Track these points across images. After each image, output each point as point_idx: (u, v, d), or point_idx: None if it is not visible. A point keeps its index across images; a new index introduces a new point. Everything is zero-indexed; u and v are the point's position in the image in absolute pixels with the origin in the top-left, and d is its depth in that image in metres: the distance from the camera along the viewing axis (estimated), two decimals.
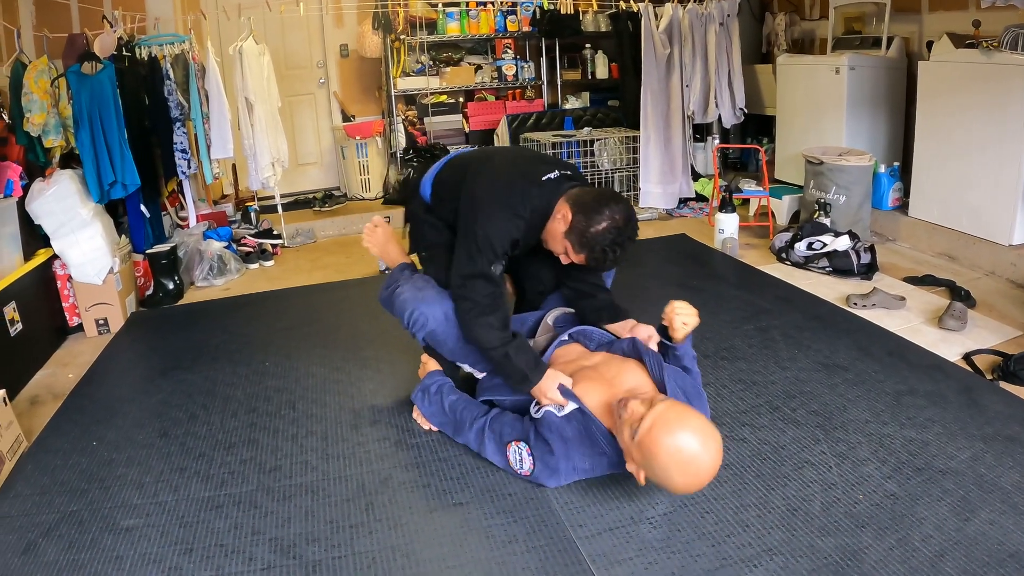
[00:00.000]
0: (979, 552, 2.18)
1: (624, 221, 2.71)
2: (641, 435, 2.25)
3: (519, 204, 2.76)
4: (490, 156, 3.12)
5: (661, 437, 2.22)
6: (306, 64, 7.83)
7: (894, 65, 5.76)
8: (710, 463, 2.23)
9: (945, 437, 2.79)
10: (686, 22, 6.29)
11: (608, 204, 2.69)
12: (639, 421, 2.28)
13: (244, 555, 2.40)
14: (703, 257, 5.28)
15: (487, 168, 2.94)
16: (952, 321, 3.78)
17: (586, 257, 2.76)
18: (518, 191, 2.78)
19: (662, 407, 2.28)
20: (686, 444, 2.20)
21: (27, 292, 4.13)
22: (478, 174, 2.91)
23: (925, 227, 5.14)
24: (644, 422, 2.26)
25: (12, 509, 2.74)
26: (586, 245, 2.72)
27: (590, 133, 6.73)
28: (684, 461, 2.21)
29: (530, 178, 2.81)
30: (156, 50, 5.33)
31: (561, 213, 2.74)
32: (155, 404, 3.53)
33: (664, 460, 2.22)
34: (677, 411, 2.28)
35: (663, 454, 2.22)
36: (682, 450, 2.20)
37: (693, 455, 2.21)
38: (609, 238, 2.68)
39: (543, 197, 2.78)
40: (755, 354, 3.60)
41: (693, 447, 2.20)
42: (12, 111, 4.49)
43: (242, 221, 6.39)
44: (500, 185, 2.82)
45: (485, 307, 2.77)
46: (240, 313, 4.73)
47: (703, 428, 2.25)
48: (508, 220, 2.76)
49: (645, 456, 2.27)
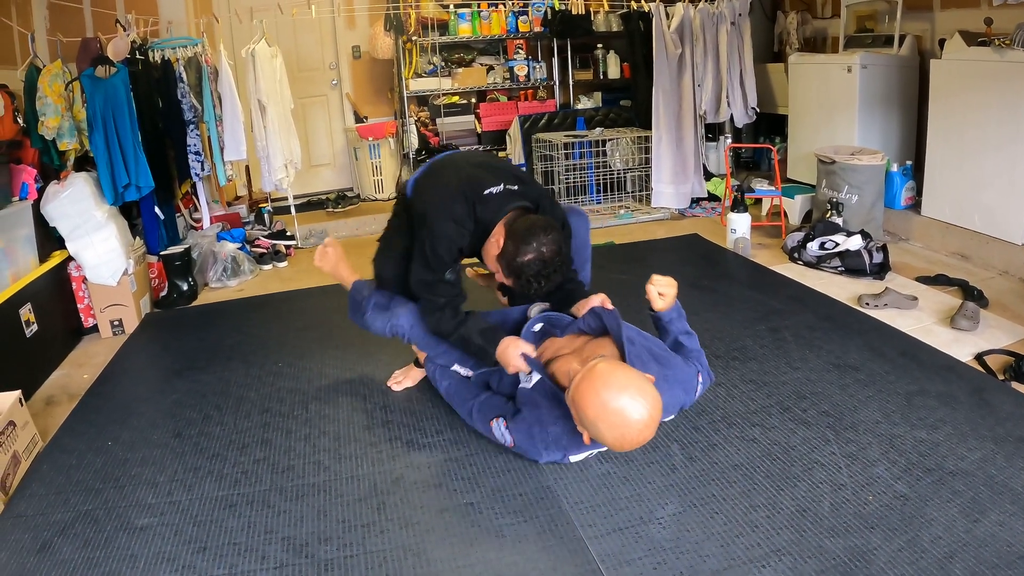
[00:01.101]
0: (988, 554, 2.18)
1: (551, 255, 2.82)
2: (571, 390, 2.31)
3: (464, 217, 2.93)
4: (446, 165, 3.22)
5: (587, 392, 2.27)
6: (318, 66, 7.86)
7: (906, 63, 5.74)
8: (637, 419, 2.25)
9: (956, 438, 2.79)
10: (697, 21, 6.29)
11: (537, 236, 2.81)
12: (571, 381, 2.34)
13: (257, 554, 2.42)
14: (715, 257, 5.28)
15: (441, 178, 3.11)
16: (964, 321, 3.77)
17: (513, 282, 2.93)
18: (460, 204, 2.93)
19: (592, 363, 2.33)
20: (612, 399, 2.24)
21: (42, 294, 4.16)
22: (433, 185, 3.10)
23: (938, 226, 5.12)
24: (575, 378, 2.32)
25: (28, 508, 2.77)
26: (513, 272, 2.87)
27: (602, 133, 6.73)
28: (610, 415, 2.25)
29: (475, 191, 2.95)
30: (169, 53, 5.37)
31: (496, 237, 2.93)
32: (169, 404, 3.55)
33: (591, 414, 2.28)
34: (606, 367, 2.32)
35: (590, 408, 2.27)
36: (607, 404, 2.24)
37: (618, 409, 2.24)
38: (534, 269, 2.82)
39: (485, 212, 2.94)
40: (766, 354, 3.60)
41: (619, 402, 2.24)
42: (27, 115, 4.52)
43: (255, 222, 6.42)
44: (447, 196, 2.97)
45: (440, 304, 2.97)
46: (254, 314, 4.75)
47: (631, 384, 2.28)
48: (453, 231, 2.93)
49: (577, 411, 2.32)
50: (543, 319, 3.03)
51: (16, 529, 2.65)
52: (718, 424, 3.00)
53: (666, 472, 2.68)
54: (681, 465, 2.73)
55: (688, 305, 4.19)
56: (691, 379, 2.80)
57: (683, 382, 2.77)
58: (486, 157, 3.71)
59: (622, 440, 2.30)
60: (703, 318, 4.05)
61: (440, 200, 2.98)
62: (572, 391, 2.33)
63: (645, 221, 6.42)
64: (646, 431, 2.28)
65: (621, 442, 2.31)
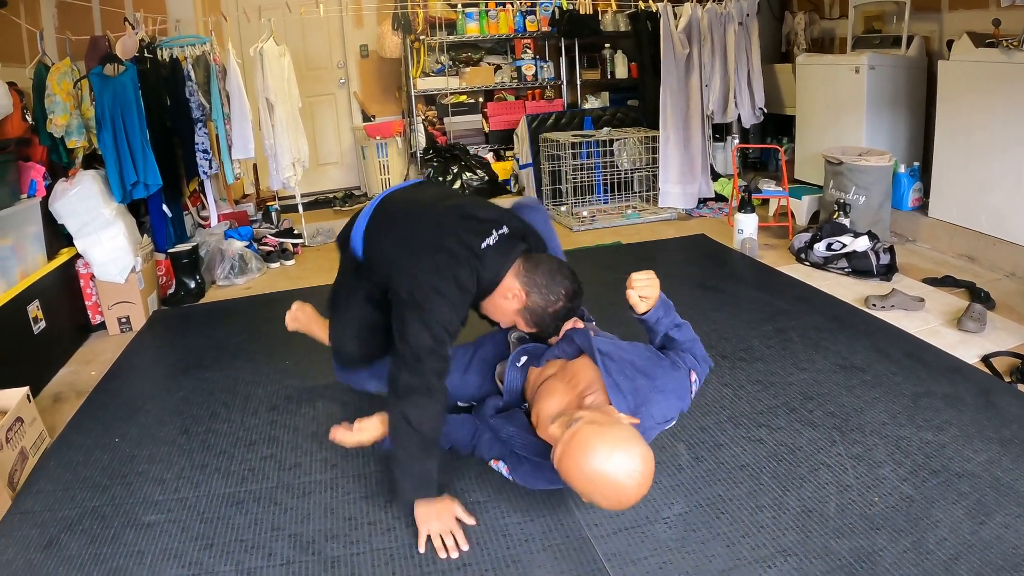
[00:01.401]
0: (994, 556, 2.18)
1: (573, 293, 2.69)
2: (556, 462, 2.16)
3: (467, 280, 2.59)
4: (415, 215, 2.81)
5: (572, 467, 2.11)
6: (326, 65, 7.88)
7: (914, 64, 5.74)
8: (631, 483, 2.08)
9: (962, 440, 2.79)
10: (705, 21, 6.29)
11: (558, 280, 2.66)
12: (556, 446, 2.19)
13: (264, 551, 2.43)
14: (722, 257, 5.28)
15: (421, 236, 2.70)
16: (971, 323, 3.77)
17: (537, 328, 2.75)
18: (464, 269, 2.58)
19: (569, 433, 2.15)
20: (599, 469, 2.07)
21: (50, 291, 4.18)
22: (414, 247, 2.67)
23: (945, 228, 5.12)
24: (556, 450, 2.17)
25: (35, 504, 2.78)
26: (540, 321, 2.70)
27: (610, 133, 6.73)
28: (601, 486, 2.08)
29: (472, 249, 2.61)
30: (177, 52, 5.38)
31: (512, 292, 2.67)
32: (177, 402, 3.57)
33: (582, 487, 2.12)
34: (583, 437, 2.12)
35: (579, 483, 2.11)
36: (595, 475, 2.07)
37: (608, 478, 2.07)
38: (563, 313, 2.69)
39: (489, 270, 2.65)
40: (773, 355, 3.61)
41: (608, 468, 2.06)
42: (35, 112, 4.54)
43: (263, 220, 6.44)
44: (444, 265, 2.58)
45: (432, 387, 2.50)
46: (261, 312, 4.76)
47: (616, 446, 2.09)
48: (457, 299, 2.58)
49: (568, 482, 2.17)
50: (524, 351, 2.84)
51: (23, 525, 2.66)
52: (724, 424, 3.00)
53: (672, 472, 2.69)
54: (687, 465, 2.73)
55: (695, 305, 4.24)
56: (683, 382, 2.60)
57: (675, 389, 2.57)
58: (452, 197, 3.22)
59: (619, 503, 2.13)
60: (710, 318, 4.06)
61: (437, 270, 2.57)
62: (557, 464, 2.17)
63: (652, 221, 6.42)
64: (641, 489, 2.11)
65: (619, 505, 2.15)
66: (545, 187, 6.87)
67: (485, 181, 7.10)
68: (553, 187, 6.83)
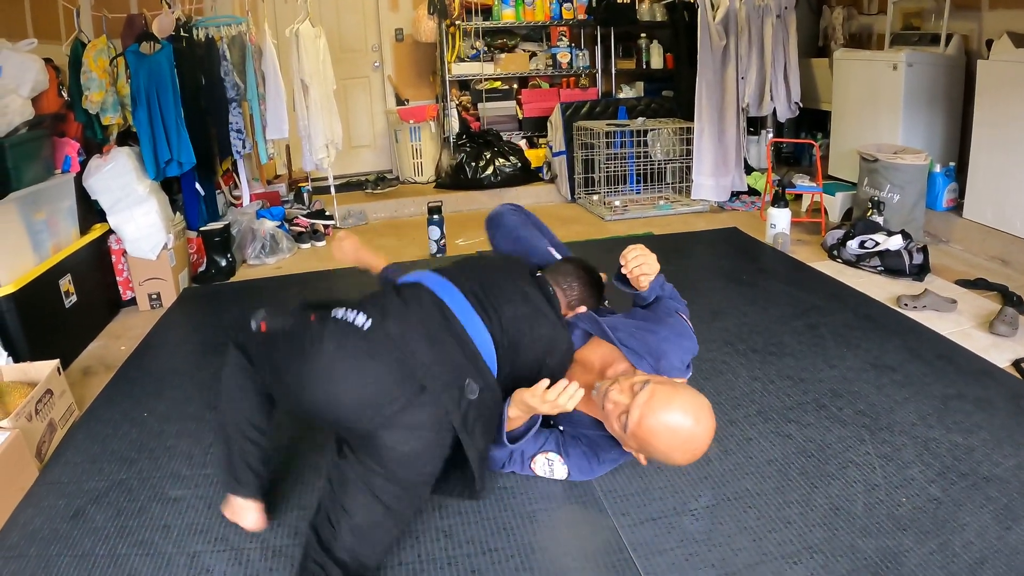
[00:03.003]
0: (1020, 561, 2.17)
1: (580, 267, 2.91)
2: (632, 427, 2.21)
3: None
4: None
5: (654, 427, 2.17)
6: (361, 47, 7.90)
7: (952, 63, 5.68)
8: (706, 433, 2.18)
9: (991, 443, 2.77)
10: (743, 13, 6.25)
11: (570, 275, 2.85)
12: (625, 412, 2.23)
13: (290, 528, 2.46)
14: (754, 252, 5.26)
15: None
16: (1003, 326, 3.74)
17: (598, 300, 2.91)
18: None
19: (644, 395, 2.21)
20: (680, 425, 2.16)
21: (82, 266, 4.23)
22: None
23: (979, 229, 5.07)
24: (632, 414, 2.21)
25: (63, 476, 2.83)
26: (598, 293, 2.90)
27: (644, 123, 6.72)
28: (683, 440, 2.17)
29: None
30: (213, 31, 5.40)
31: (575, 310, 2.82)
32: (205, 378, 3.59)
33: (663, 445, 2.19)
34: (661, 395, 2.20)
35: (661, 441, 2.18)
36: (678, 432, 2.16)
37: (690, 433, 2.16)
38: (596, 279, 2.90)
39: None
40: (804, 351, 3.60)
41: (688, 426, 2.16)
42: (71, 89, 4.58)
43: (295, 201, 6.47)
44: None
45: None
46: (291, 291, 4.80)
47: (690, 402, 2.19)
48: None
49: (643, 444, 2.23)
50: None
51: (50, 495, 2.71)
52: (754, 419, 3.00)
53: (700, 464, 2.68)
54: (716, 458, 2.73)
55: (726, 298, 4.24)
56: (679, 324, 2.70)
57: (679, 334, 2.67)
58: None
59: (694, 455, 2.23)
60: (741, 312, 4.06)
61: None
62: (634, 427, 2.20)
63: (684, 213, 6.40)
64: (711, 438, 2.22)
65: (693, 457, 2.24)
66: (578, 175, 6.87)
67: (518, 168, 7.10)
68: (586, 176, 6.83)
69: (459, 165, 7.05)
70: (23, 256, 3.74)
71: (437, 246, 5.35)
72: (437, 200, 5.57)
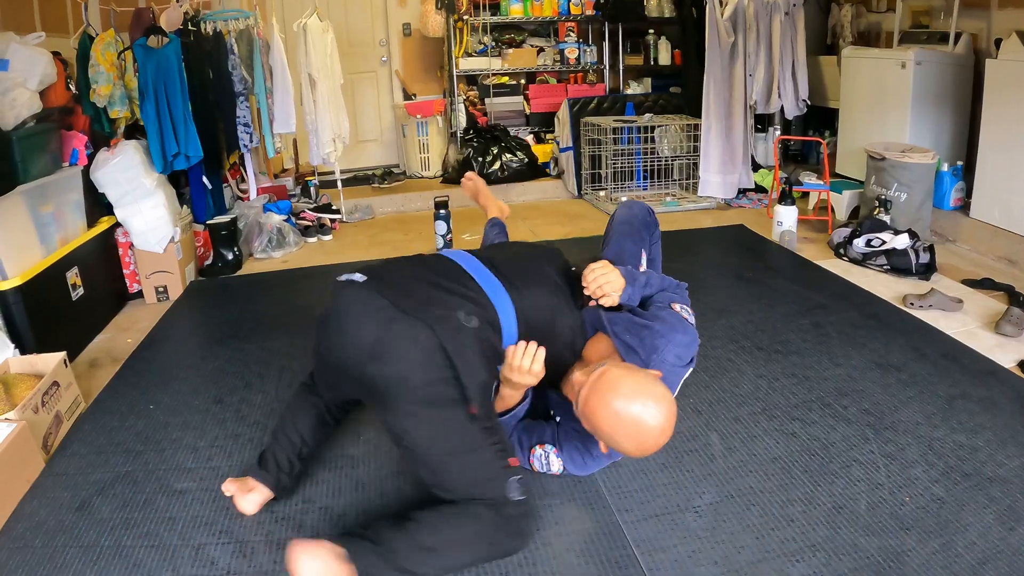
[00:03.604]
0: (1022, 562, 2.17)
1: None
2: (580, 407, 2.18)
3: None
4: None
5: (597, 405, 2.13)
6: (369, 42, 7.90)
7: (961, 62, 5.65)
8: (656, 423, 2.11)
9: (995, 444, 2.77)
10: (751, 10, 6.23)
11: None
12: (579, 393, 2.21)
13: (294, 522, 2.47)
14: (760, 249, 5.26)
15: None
16: (1009, 327, 3.74)
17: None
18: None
19: (595, 374, 2.18)
20: (624, 408, 2.10)
21: (89, 258, 4.24)
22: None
23: (986, 229, 5.06)
24: (582, 392, 2.19)
25: (68, 467, 2.85)
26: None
27: (651, 119, 6.71)
28: (625, 425, 2.11)
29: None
30: (221, 25, 5.42)
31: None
32: (211, 371, 3.62)
33: (607, 427, 2.14)
34: (611, 376, 2.16)
35: (604, 422, 2.13)
36: (620, 414, 2.10)
37: (635, 419, 2.10)
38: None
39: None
40: (809, 349, 3.59)
41: (634, 411, 2.10)
42: (79, 82, 4.58)
43: (302, 195, 6.49)
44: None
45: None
46: (298, 285, 4.82)
47: (641, 389, 2.14)
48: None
49: (590, 425, 2.19)
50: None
51: (56, 487, 2.72)
52: (758, 416, 3.00)
53: (704, 461, 2.70)
54: (720, 455, 2.74)
55: (732, 296, 4.25)
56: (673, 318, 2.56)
57: (672, 327, 2.52)
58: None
59: (642, 448, 2.16)
60: (746, 309, 4.06)
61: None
62: (581, 405, 2.19)
63: (691, 210, 6.40)
64: (664, 435, 2.15)
65: (641, 449, 2.17)
66: (584, 171, 6.87)
67: (525, 163, 7.10)
68: (593, 171, 6.83)
69: (466, 160, 7.05)
70: (30, 249, 3.75)
71: (443, 241, 5.35)
72: (444, 195, 5.56)
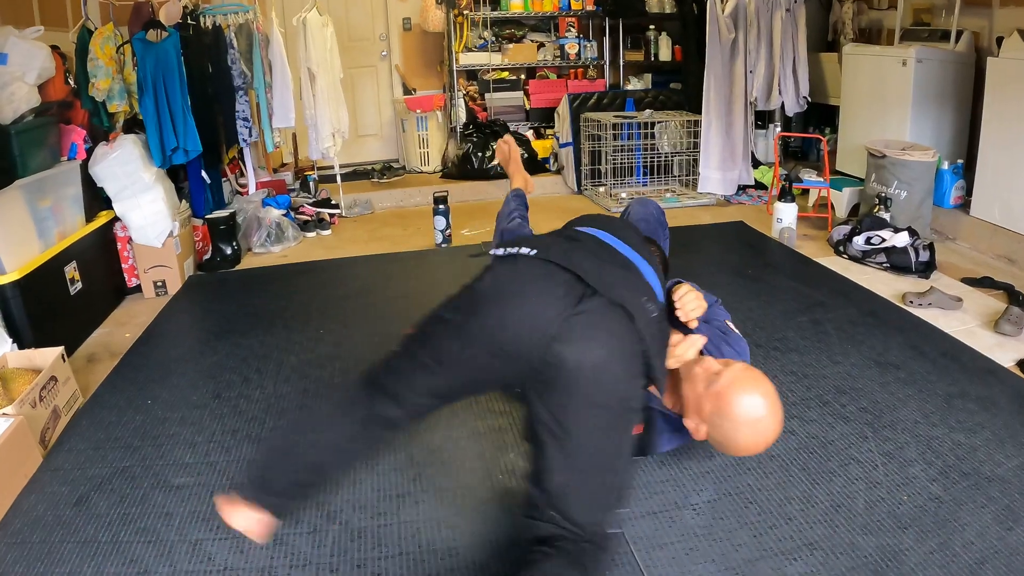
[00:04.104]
0: (1020, 562, 2.17)
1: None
2: (720, 387, 2.20)
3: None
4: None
5: (737, 394, 2.17)
6: (369, 36, 7.90)
7: (962, 60, 5.64)
8: (774, 429, 2.18)
9: (994, 443, 2.76)
10: (752, 7, 6.23)
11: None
12: (716, 376, 2.23)
13: (291, 518, 2.45)
14: (759, 246, 5.26)
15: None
16: (1008, 326, 3.73)
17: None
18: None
19: (740, 366, 2.25)
20: (760, 405, 2.16)
21: (88, 252, 4.24)
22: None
23: (986, 228, 5.05)
24: (723, 376, 2.21)
25: (66, 462, 2.84)
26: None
27: (651, 115, 6.69)
28: (754, 421, 2.16)
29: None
30: (220, 19, 5.40)
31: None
32: (210, 366, 3.62)
33: (736, 416, 2.17)
34: (755, 373, 2.24)
35: (737, 410, 2.17)
36: (754, 410, 2.16)
37: (763, 417, 2.16)
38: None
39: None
40: (808, 347, 3.59)
41: (765, 410, 2.16)
42: (78, 76, 4.58)
43: (301, 190, 6.49)
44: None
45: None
46: (296, 280, 4.81)
47: (774, 395, 2.20)
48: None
49: (717, 409, 2.20)
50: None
51: (54, 482, 2.72)
52: None
53: (703, 459, 2.70)
54: (718, 453, 2.72)
55: (731, 293, 4.24)
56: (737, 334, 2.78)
57: (737, 340, 2.74)
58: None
59: (753, 446, 2.21)
60: (745, 306, 4.05)
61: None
62: (721, 388, 2.20)
63: (690, 206, 6.40)
64: (772, 439, 2.21)
65: (750, 448, 2.22)
66: (584, 167, 6.85)
67: (524, 158, 7.08)
68: (592, 167, 6.81)
69: (465, 155, 7.05)
70: (28, 243, 3.75)
71: (443, 236, 5.35)
72: (443, 190, 5.56)
